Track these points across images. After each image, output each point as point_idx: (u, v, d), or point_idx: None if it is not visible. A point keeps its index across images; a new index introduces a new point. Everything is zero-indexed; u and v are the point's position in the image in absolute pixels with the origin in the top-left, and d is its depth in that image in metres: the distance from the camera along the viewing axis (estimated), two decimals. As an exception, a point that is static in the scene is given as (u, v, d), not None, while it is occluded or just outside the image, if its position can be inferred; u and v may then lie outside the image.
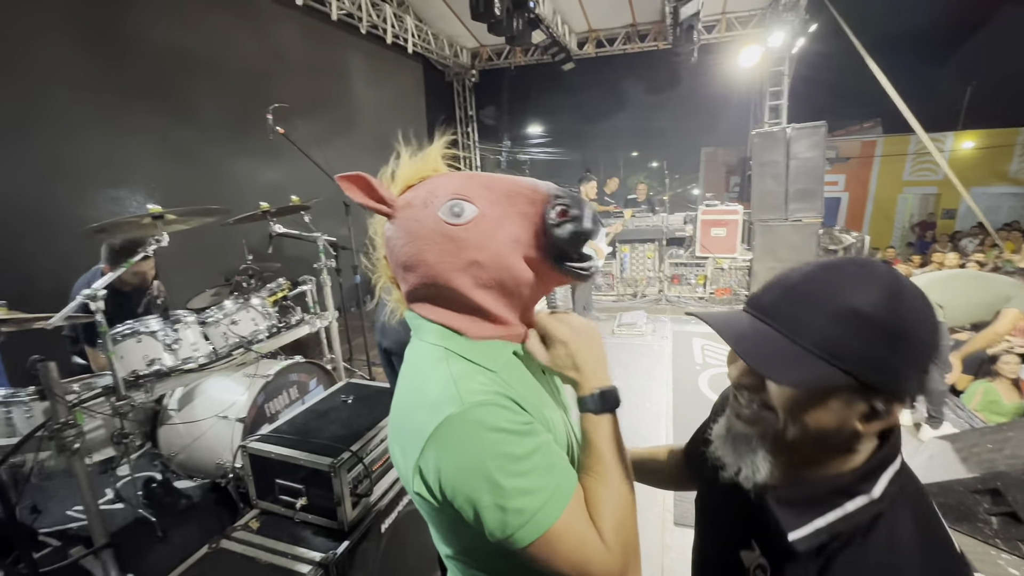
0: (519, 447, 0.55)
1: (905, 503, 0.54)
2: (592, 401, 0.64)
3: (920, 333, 0.49)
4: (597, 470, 0.61)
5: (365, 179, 0.65)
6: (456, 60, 8.19)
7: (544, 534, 0.54)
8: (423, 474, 0.57)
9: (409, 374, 0.66)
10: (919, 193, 11.97)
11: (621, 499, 0.60)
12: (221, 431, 2.21)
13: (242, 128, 4.56)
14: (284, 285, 2.83)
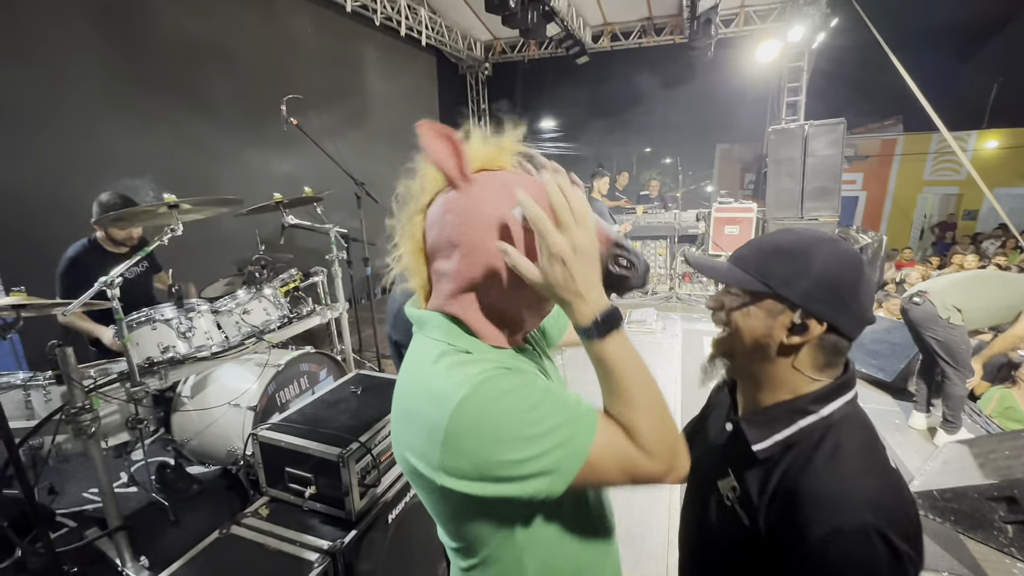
0: (531, 397, 0.56)
1: (850, 423, 0.66)
2: (596, 328, 0.58)
3: (830, 267, 0.65)
4: (618, 393, 0.59)
5: (456, 142, 0.61)
6: (470, 53, 8.15)
7: (587, 460, 0.56)
8: (451, 468, 0.56)
9: (409, 369, 0.65)
10: (940, 193, 11.69)
11: (651, 407, 0.59)
12: (233, 419, 2.24)
13: (256, 119, 4.59)
14: (296, 276, 2.85)
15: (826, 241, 0.68)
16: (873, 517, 0.56)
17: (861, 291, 0.66)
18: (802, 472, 0.63)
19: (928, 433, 3.03)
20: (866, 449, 0.64)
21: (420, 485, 0.64)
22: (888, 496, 0.59)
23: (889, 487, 0.60)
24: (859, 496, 0.58)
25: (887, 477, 0.61)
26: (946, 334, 2.77)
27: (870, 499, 0.58)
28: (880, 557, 0.55)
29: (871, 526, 0.56)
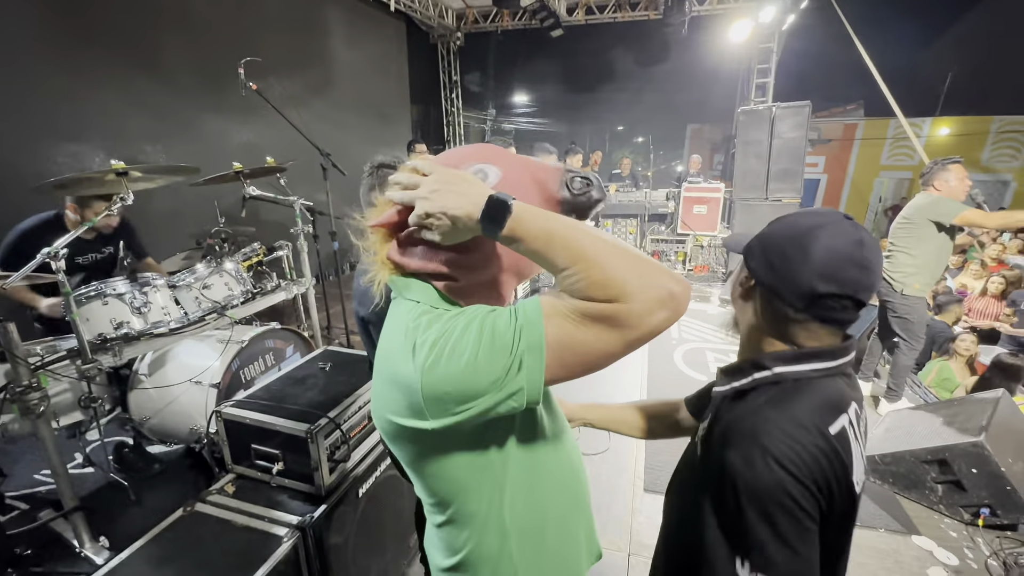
0: (489, 322, 0.57)
1: (803, 387, 0.71)
2: (490, 221, 0.56)
3: (775, 233, 0.76)
4: (556, 257, 0.55)
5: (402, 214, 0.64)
6: (441, 21, 7.87)
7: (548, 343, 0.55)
8: (435, 404, 0.57)
9: (388, 333, 0.66)
10: (895, 177, 12.23)
11: (600, 252, 0.53)
12: (195, 396, 2.18)
13: (214, 83, 4.32)
14: (259, 250, 2.75)
15: (800, 214, 0.76)
16: (750, 444, 0.66)
17: (796, 261, 0.71)
18: (740, 412, 0.72)
19: (871, 400, 3.24)
20: (803, 407, 0.68)
21: (401, 442, 0.66)
22: (773, 432, 0.65)
23: (801, 436, 0.65)
24: (771, 432, 0.66)
25: (806, 430, 0.65)
26: (903, 308, 2.92)
27: (777, 436, 0.65)
28: (740, 466, 0.65)
29: (770, 453, 0.64)
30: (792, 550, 0.63)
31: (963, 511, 2.21)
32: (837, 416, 0.69)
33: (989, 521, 2.13)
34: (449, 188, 0.59)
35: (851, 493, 0.68)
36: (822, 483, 0.65)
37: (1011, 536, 2.11)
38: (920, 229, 2.82)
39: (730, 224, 6.30)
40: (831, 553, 0.69)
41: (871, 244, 0.72)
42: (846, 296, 0.70)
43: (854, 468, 0.68)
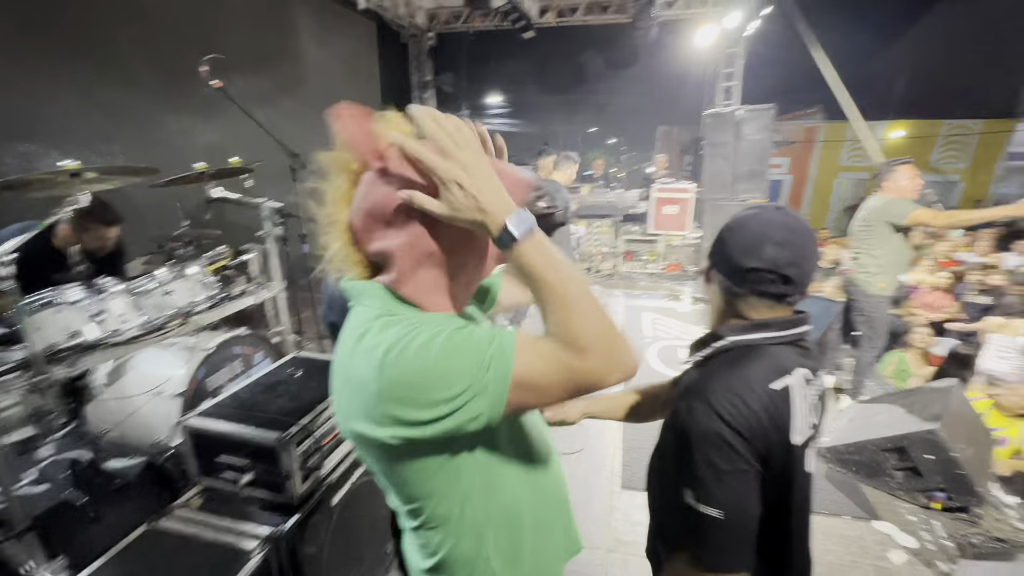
0: (455, 339, 0.58)
1: (750, 353, 0.83)
2: (508, 233, 0.58)
3: (726, 223, 0.90)
4: (546, 298, 0.58)
5: (363, 122, 0.62)
6: (412, 21, 7.79)
7: (513, 376, 0.57)
8: (391, 416, 0.57)
9: (346, 339, 0.65)
10: (853, 178, 12.78)
11: (581, 304, 0.58)
12: (157, 407, 2.09)
13: (175, 81, 4.15)
14: (225, 253, 2.66)
15: (744, 209, 0.90)
16: (697, 399, 0.78)
17: (729, 243, 0.88)
18: (698, 375, 0.87)
19: (833, 392, 3.37)
20: (749, 367, 0.81)
21: (367, 450, 0.66)
22: (718, 388, 0.78)
23: (742, 391, 0.77)
24: (715, 388, 0.79)
25: (748, 386, 0.78)
26: (869, 307, 3.03)
27: (720, 391, 0.77)
28: (688, 419, 0.78)
29: (711, 406, 0.76)
30: (728, 485, 0.74)
31: (920, 496, 2.32)
32: (781, 376, 0.79)
33: (944, 505, 2.25)
34: (488, 176, 0.59)
35: (788, 444, 0.77)
36: (757, 432, 0.75)
37: (964, 518, 2.23)
38: (877, 230, 2.93)
39: (700, 224, 6.45)
40: (777, 507, 0.79)
41: (793, 226, 0.84)
42: (768, 270, 0.82)
43: (794, 422, 0.78)
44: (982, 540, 2.09)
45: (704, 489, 0.75)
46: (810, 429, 0.81)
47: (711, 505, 0.74)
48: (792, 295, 0.86)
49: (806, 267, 0.84)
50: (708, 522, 0.74)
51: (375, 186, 0.64)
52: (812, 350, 0.89)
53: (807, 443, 0.82)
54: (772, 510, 0.79)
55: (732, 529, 0.74)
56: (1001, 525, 2.20)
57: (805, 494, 0.84)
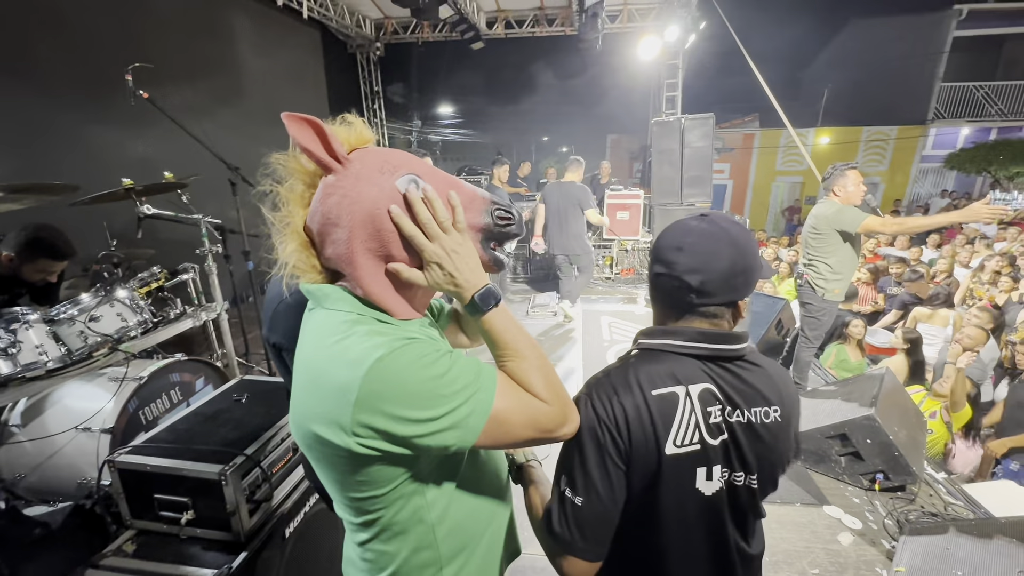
0: (444, 364, 0.62)
1: (645, 355, 0.85)
2: (474, 306, 0.68)
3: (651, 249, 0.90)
4: (508, 353, 0.69)
5: (320, 126, 0.63)
6: (359, 31, 7.67)
7: (491, 414, 0.62)
8: (365, 424, 0.57)
9: (316, 341, 0.63)
10: (789, 182, 13.65)
11: (538, 362, 0.69)
12: (83, 445, 1.91)
13: (98, 92, 3.87)
14: (159, 274, 2.48)
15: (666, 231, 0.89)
16: (586, 389, 0.82)
17: (651, 250, 0.90)
18: (603, 371, 0.86)
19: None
20: (639, 370, 0.81)
21: (323, 456, 0.64)
22: (604, 384, 0.81)
23: (621, 391, 0.79)
24: (601, 384, 0.81)
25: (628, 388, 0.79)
26: (819, 311, 3.11)
27: (603, 388, 0.80)
28: (576, 404, 0.79)
29: (590, 399, 0.79)
30: (590, 477, 0.76)
31: (862, 479, 2.46)
32: (669, 385, 0.79)
33: (884, 485, 2.39)
34: (467, 259, 0.67)
35: (658, 450, 0.77)
36: (624, 432, 0.76)
37: (901, 496, 2.38)
38: (829, 238, 2.97)
39: (651, 228, 6.66)
40: (647, 516, 0.79)
41: (710, 233, 0.81)
42: (670, 275, 0.81)
43: (671, 431, 0.77)
44: (918, 515, 2.24)
45: (571, 477, 0.78)
46: (696, 445, 0.78)
47: (575, 492, 0.77)
48: (704, 305, 0.81)
49: (715, 276, 0.79)
50: (568, 506, 0.78)
51: (338, 189, 0.64)
52: (731, 371, 0.82)
53: (695, 460, 0.78)
54: (641, 518, 0.79)
55: (589, 517, 0.77)
56: (934, 500, 2.37)
57: (697, 515, 0.80)
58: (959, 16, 11.54)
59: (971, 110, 12.20)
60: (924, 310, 4.18)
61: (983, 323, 3.38)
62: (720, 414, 0.79)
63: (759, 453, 0.81)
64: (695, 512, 0.80)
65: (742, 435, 0.80)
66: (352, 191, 0.63)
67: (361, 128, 0.70)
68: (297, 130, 0.62)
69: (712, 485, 0.80)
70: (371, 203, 0.63)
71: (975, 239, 6.42)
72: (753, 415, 0.80)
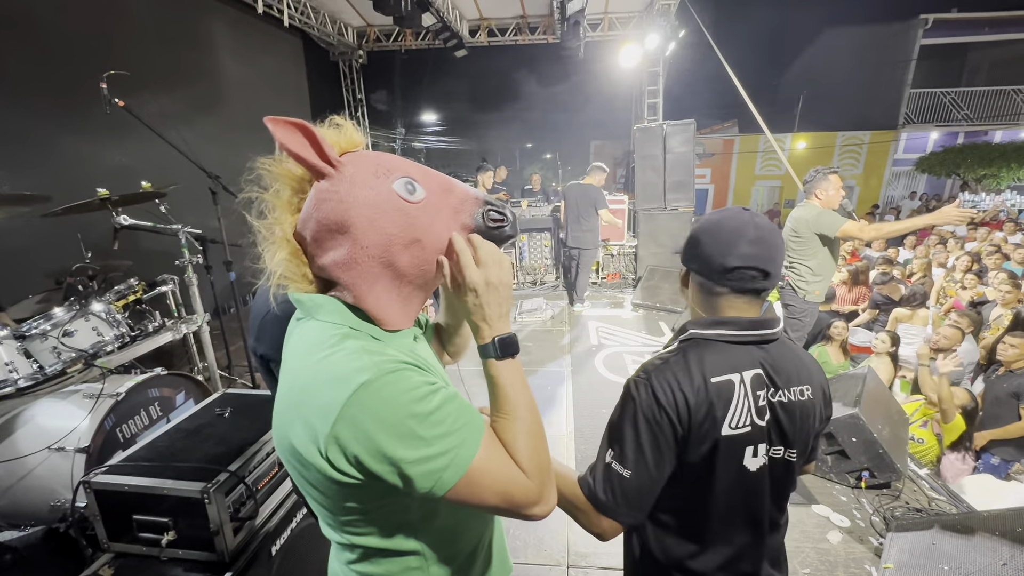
0: (431, 402, 0.57)
1: (701, 344, 0.89)
2: (492, 348, 0.67)
3: (692, 230, 0.95)
4: (505, 409, 0.65)
5: (311, 130, 0.60)
6: (341, 39, 7.63)
7: (467, 471, 0.58)
8: (339, 447, 0.55)
9: (304, 353, 0.61)
10: (768, 185, 13.94)
11: (531, 428, 0.65)
12: (56, 466, 1.83)
13: (72, 100, 3.77)
14: (137, 287, 2.42)
15: (711, 212, 0.95)
16: (644, 374, 0.87)
17: (702, 244, 0.91)
18: (658, 360, 0.90)
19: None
20: (698, 358, 0.86)
21: (302, 472, 0.61)
22: (664, 371, 0.86)
23: (681, 377, 0.85)
24: (662, 371, 0.86)
25: (688, 375, 0.85)
26: (801, 312, 3.17)
27: (665, 374, 0.85)
28: (634, 388, 0.87)
29: (650, 384, 0.85)
30: (642, 454, 0.83)
31: (849, 477, 2.49)
32: (727, 373, 0.85)
33: (870, 483, 2.43)
34: (502, 299, 0.68)
35: (716, 434, 0.83)
36: (685, 418, 0.82)
37: (887, 493, 2.42)
38: (809, 241, 3.03)
39: (636, 233, 6.72)
40: (698, 490, 0.87)
41: (762, 224, 0.89)
42: (748, 267, 0.86)
43: (728, 415, 0.84)
44: (903, 512, 2.28)
45: (621, 449, 0.85)
46: (748, 427, 0.85)
47: (624, 465, 0.84)
48: (766, 290, 0.90)
49: (777, 263, 0.89)
50: (615, 476, 0.84)
51: (334, 195, 0.61)
52: (772, 353, 0.90)
53: (746, 440, 0.85)
54: (690, 487, 0.87)
55: (634, 489, 0.84)
56: (918, 496, 2.42)
57: (740, 487, 0.87)
58: (925, 25, 11.96)
59: (939, 115, 12.62)
60: (904, 311, 4.28)
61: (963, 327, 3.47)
62: (766, 396, 0.87)
63: (795, 428, 0.89)
64: (739, 485, 0.87)
65: (782, 413, 0.88)
66: (348, 196, 0.61)
67: (351, 131, 0.68)
68: (285, 134, 0.60)
69: (757, 461, 0.87)
70: (369, 207, 0.61)
71: (947, 240, 6.62)
72: (792, 394, 0.89)
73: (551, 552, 2.15)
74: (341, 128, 0.67)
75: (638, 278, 6.25)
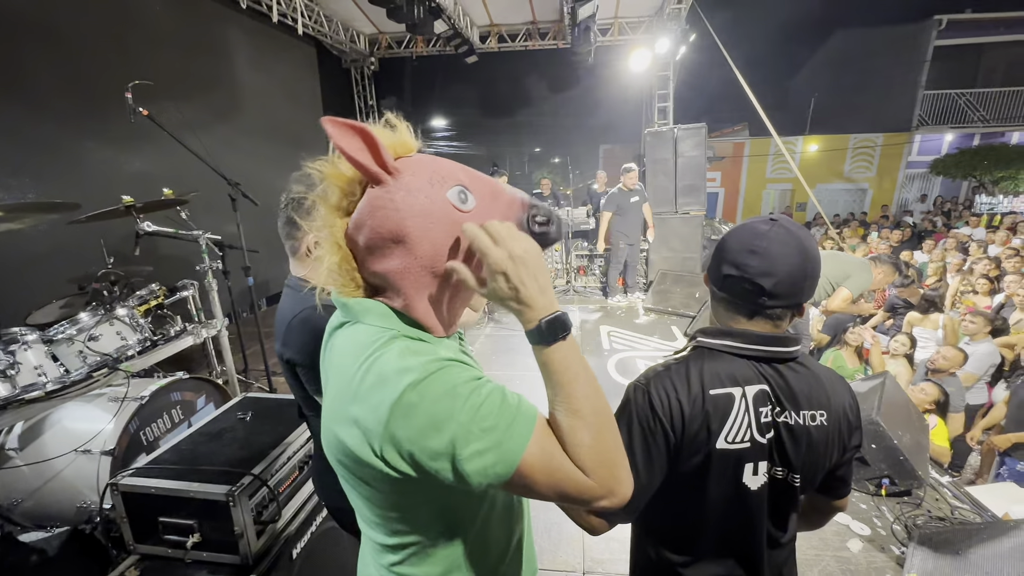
0: (479, 396, 0.57)
1: (703, 354, 0.88)
2: (539, 333, 0.60)
3: (717, 250, 0.90)
4: (561, 400, 0.60)
5: (371, 134, 0.59)
6: (353, 46, 7.73)
7: (518, 466, 0.56)
8: (394, 446, 0.55)
9: (353, 355, 0.61)
10: (779, 189, 13.82)
11: (592, 420, 0.59)
12: (83, 468, 1.87)
13: (96, 108, 3.87)
14: (158, 292, 2.46)
15: (728, 235, 0.91)
16: (644, 380, 0.87)
17: (718, 251, 0.90)
18: (662, 366, 0.90)
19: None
20: (699, 368, 0.85)
21: (353, 470, 0.62)
22: (664, 378, 0.85)
23: (679, 386, 0.84)
24: (661, 377, 0.86)
25: (686, 384, 0.84)
26: (800, 322, 3.23)
27: (662, 382, 0.85)
28: (632, 392, 0.87)
29: (647, 390, 0.85)
30: (633, 456, 0.81)
31: (868, 484, 2.46)
32: (727, 386, 0.83)
33: (890, 490, 2.39)
34: (535, 271, 0.61)
35: (708, 445, 0.82)
36: (678, 427, 0.81)
37: (908, 501, 2.38)
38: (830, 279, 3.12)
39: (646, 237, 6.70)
40: (693, 494, 0.85)
41: (773, 237, 0.82)
42: (742, 277, 0.83)
43: (724, 429, 0.82)
44: (925, 520, 2.24)
45: None
46: (746, 443, 0.82)
47: None
48: (772, 308, 0.84)
49: (784, 279, 0.82)
50: None
51: (390, 202, 0.60)
52: (783, 373, 0.86)
53: (745, 456, 0.83)
54: (686, 498, 0.86)
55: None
56: (940, 504, 2.37)
57: (739, 503, 0.85)
58: (939, 26, 11.81)
59: (954, 117, 12.44)
60: (916, 314, 4.22)
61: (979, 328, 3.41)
62: (770, 414, 0.84)
63: (802, 453, 0.85)
64: (738, 502, 0.85)
65: (787, 435, 0.84)
66: (404, 205, 0.60)
67: (405, 134, 0.66)
68: (343, 138, 0.58)
69: (758, 480, 0.85)
70: (424, 217, 0.60)
71: (966, 244, 6.51)
72: (801, 417, 0.84)
73: (567, 558, 2.14)
74: (396, 130, 0.65)
75: (649, 282, 6.22)
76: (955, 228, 8.65)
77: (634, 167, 5.67)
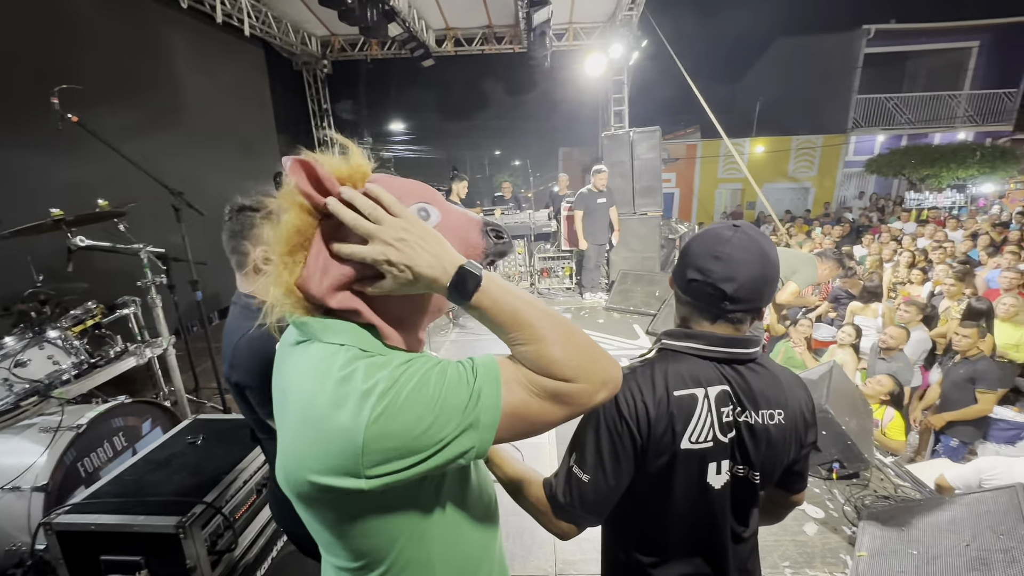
0: (444, 378, 0.56)
1: (669, 355, 0.90)
2: (456, 293, 0.57)
3: (681, 255, 0.92)
4: (513, 336, 0.58)
5: (312, 167, 0.56)
6: (304, 48, 7.51)
7: (504, 411, 0.56)
8: (378, 464, 0.53)
9: (315, 380, 0.58)
10: (730, 188, 14.45)
11: (554, 334, 0.58)
12: (11, 507, 1.70)
13: (17, 115, 3.57)
14: (95, 310, 2.30)
15: (714, 223, 0.94)
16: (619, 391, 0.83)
17: (682, 255, 0.92)
18: (627, 369, 0.90)
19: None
20: (663, 369, 0.87)
21: (323, 504, 0.60)
22: (629, 381, 0.86)
23: (644, 388, 0.85)
24: (626, 381, 0.85)
25: (651, 386, 0.85)
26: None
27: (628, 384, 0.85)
28: (607, 412, 0.85)
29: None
30: (601, 460, 0.83)
31: (820, 469, 2.59)
32: (690, 387, 0.85)
33: (840, 473, 2.53)
34: (421, 244, 0.57)
35: (673, 445, 0.83)
36: (644, 429, 0.83)
37: (856, 483, 2.52)
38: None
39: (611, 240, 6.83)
40: (658, 494, 0.87)
41: (736, 243, 0.85)
42: (705, 282, 0.85)
43: (688, 429, 0.84)
44: (873, 499, 2.38)
45: (582, 454, 0.85)
46: (709, 442, 0.85)
47: (584, 470, 0.84)
48: (734, 311, 0.86)
49: (746, 284, 0.84)
50: (575, 480, 0.85)
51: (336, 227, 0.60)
52: (743, 374, 0.89)
53: (708, 455, 0.85)
54: (652, 499, 0.88)
55: (592, 494, 0.84)
56: (885, 483, 2.53)
57: (703, 502, 0.87)
58: (868, 35, 12.69)
59: (884, 119, 13.38)
60: (858, 304, 4.50)
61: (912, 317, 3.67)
62: (732, 413, 0.86)
63: (762, 451, 0.88)
64: (703, 500, 0.87)
65: (748, 434, 0.87)
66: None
67: (359, 157, 0.64)
68: (294, 174, 0.58)
69: (721, 478, 0.87)
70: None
71: (900, 237, 7.00)
72: (760, 417, 0.87)
73: (539, 562, 2.14)
74: (348, 156, 0.63)
75: (611, 283, 6.34)
76: (888, 223, 9.30)
77: (605, 169, 5.76)
